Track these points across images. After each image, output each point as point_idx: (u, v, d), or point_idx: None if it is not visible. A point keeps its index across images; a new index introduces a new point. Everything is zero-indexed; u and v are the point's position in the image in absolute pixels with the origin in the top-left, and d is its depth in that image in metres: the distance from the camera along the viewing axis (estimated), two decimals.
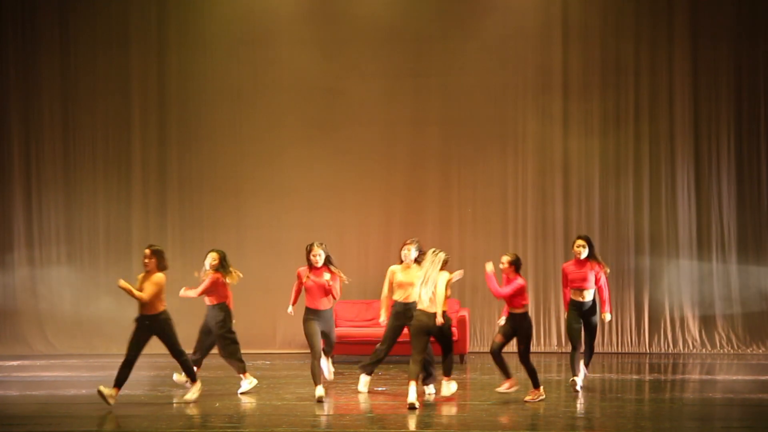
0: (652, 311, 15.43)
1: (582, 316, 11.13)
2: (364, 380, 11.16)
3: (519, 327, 10.43)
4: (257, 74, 15.76)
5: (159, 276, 10.29)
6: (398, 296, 10.92)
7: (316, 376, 10.49)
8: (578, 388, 10.94)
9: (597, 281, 11.15)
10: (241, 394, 11.03)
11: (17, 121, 15.86)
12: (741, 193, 15.48)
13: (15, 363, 14.23)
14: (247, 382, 11.16)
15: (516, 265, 10.49)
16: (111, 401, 10.15)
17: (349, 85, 15.68)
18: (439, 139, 15.69)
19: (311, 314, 10.70)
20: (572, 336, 11.13)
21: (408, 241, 11.06)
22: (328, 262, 10.80)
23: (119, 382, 10.24)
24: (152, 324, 10.27)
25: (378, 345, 11.14)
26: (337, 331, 14.04)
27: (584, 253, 11.13)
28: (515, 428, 8.94)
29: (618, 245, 15.47)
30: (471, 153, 15.64)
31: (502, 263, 10.53)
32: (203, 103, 15.81)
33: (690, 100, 15.52)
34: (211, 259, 11.29)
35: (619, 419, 9.46)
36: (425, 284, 10.15)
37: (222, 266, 11.26)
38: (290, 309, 11.05)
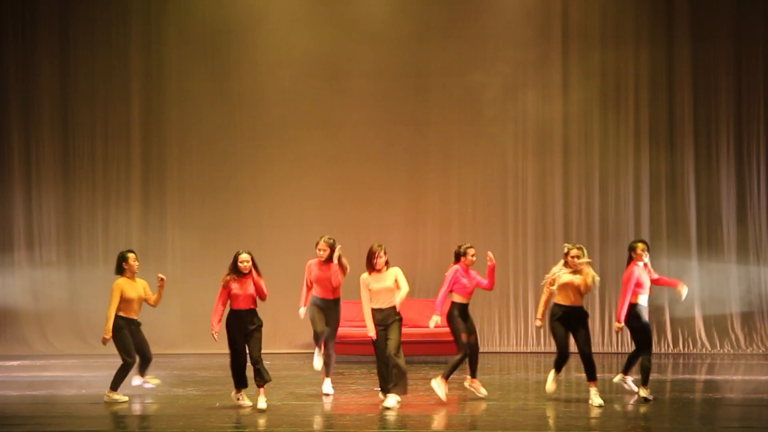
0: (653, 311, 15.38)
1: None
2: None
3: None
4: (257, 74, 15.77)
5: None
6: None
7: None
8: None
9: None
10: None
11: (17, 121, 15.87)
12: (741, 192, 15.49)
13: (15, 363, 14.23)
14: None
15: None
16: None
17: (349, 85, 15.70)
18: (439, 139, 15.70)
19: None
20: (651, 336, 10.49)
21: (379, 246, 10.74)
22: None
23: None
24: (137, 327, 10.53)
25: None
26: (338, 331, 14.04)
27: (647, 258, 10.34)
28: (515, 428, 8.93)
29: (618, 245, 15.46)
30: (471, 153, 15.66)
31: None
32: (203, 102, 15.82)
33: (690, 99, 15.53)
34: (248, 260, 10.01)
35: (620, 419, 9.46)
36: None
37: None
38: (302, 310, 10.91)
